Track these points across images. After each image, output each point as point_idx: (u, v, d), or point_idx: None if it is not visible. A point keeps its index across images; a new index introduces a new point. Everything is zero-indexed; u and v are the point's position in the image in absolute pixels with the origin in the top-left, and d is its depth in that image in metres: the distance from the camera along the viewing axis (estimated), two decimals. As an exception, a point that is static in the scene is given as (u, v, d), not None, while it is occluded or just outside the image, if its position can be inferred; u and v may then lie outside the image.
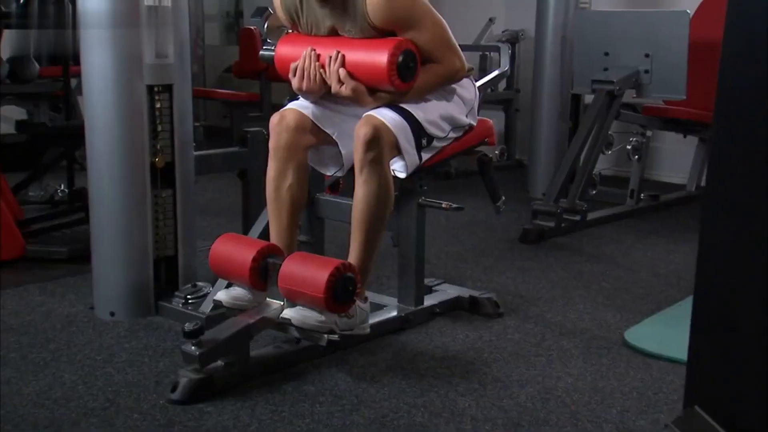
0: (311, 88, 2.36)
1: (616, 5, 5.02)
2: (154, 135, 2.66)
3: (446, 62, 2.39)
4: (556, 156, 4.56)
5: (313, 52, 2.34)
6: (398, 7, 2.27)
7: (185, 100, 2.75)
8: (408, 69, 2.28)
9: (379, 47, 2.27)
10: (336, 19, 2.36)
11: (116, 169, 2.64)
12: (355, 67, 2.30)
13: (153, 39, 2.60)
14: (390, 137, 2.30)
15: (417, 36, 2.30)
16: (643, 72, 3.86)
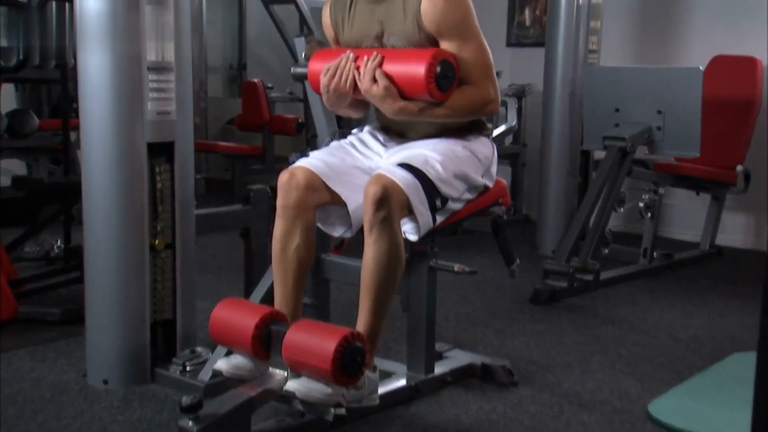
0: (340, 87, 2.29)
1: (623, 61, 4.98)
2: (154, 194, 2.55)
3: (482, 87, 2.31)
4: (566, 212, 4.46)
5: (352, 54, 2.29)
6: (453, 13, 2.24)
7: (187, 157, 2.66)
8: (446, 78, 2.21)
9: (417, 56, 2.22)
10: (387, 18, 2.31)
11: (113, 228, 2.53)
12: (392, 70, 2.23)
13: (155, 95, 2.52)
14: (401, 196, 2.20)
15: (461, 49, 2.26)
16: (656, 128, 3.78)
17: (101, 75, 2.49)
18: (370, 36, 2.36)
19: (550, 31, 4.44)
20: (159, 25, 2.48)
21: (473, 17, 2.30)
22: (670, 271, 4.13)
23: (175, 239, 2.61)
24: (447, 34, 2.25)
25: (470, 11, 2.29)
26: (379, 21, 2.33)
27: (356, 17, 2.38)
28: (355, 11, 2.38)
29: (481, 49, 2.30)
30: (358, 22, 2.37)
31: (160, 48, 2.50)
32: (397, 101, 2.23)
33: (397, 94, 2.23)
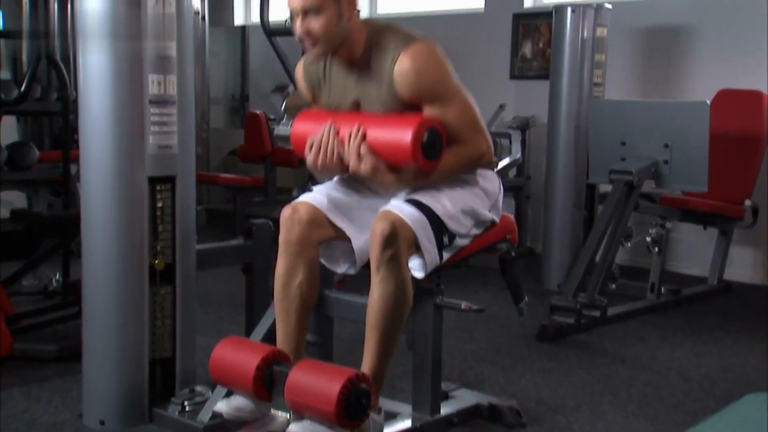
0: (328, 165, 2.23)
1: (627, 94, 4.96)
2: (154, 229, 2.50)
3: (472, 144, 2.27)
4: (571, 246, 4.41)
5: (333, 126, 2.22)
6: (428, 80, 2.17)
7: (188, 191, 2.61)
8: (433, 147, 2.15)
9: (403, 123, 2.15)
10: (361, 89, 2.26)
11: (112, 264, 2.48)
12: (376, 143, 2.17)
13: (156, 128, 2.48)
14: (408, 234, 2.16)
15: (444, 112, 2.19)
16: (663, 162, 3.74)
17: (102, 108, 2.45)
18: (347, 102, 2.30)
19: (554, 63, 4.42)
20: (161, 58, 2.44)
21: (448, 74, 2.22)
22: (678, 307, 4.06)
23: (175, 275, 2.55)
24: (427, 99, 2.18)
25: (444, 71, 2.22)
26: (354, 90, 2.27)
27: (332, 83, 2.32)
28: (330, 76, 2.32)
29: (464, 106, 2.23)
30: (334, 88, 2.31)
31: (162, 81, 2.46)
32: (387, 176, 2.18)
33: (386, 170, 2.17)
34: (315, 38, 2.16)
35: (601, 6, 4.34)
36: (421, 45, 2.18)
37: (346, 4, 2.17)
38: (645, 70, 5.06)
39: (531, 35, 5.44)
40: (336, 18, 2.14)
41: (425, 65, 2.16)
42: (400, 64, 2.14)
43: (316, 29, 2.15)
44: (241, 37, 7.53)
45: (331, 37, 2.16)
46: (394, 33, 2.22)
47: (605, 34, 4.36)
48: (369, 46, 2.21)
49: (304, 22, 2.15)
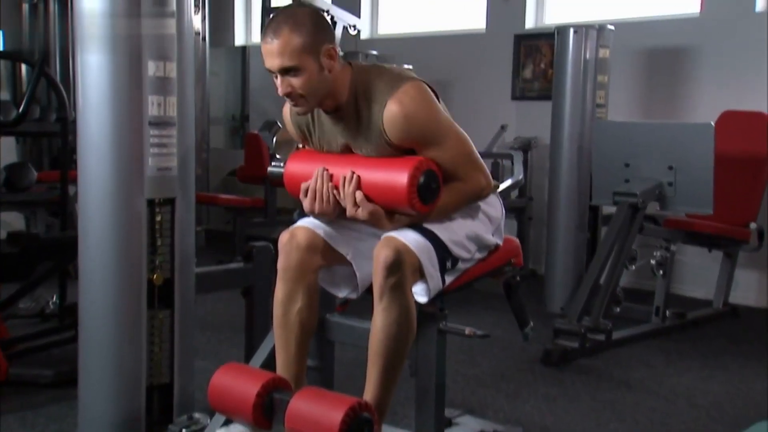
0: (324, 210, 2.18)
1: (630, 116, 4.94)
2: (153, 251, 2.46)
3: (471, 180, 2.21)
4: (574, 268, 4.37)
5: (326, 171, 2.17)
6: (418, 124, 2.09)
7: (188, 214, 2.57)
8: (430, 190, 2.09)
9: (397, 167, 2.09)
10: (350, 136, 2.20)
11: (110, 287, 2.43)
12: (372, 188, 2.12)
13: (156, 150, 2.44)
14: (413, 260, 2.11)
15: (439, 154, 2.13)
16: (667, 184, 3.70)
17: (101, 129, 2.41)
18: (338, 145, 2.25)
19: (557, 84, 4.40)
20: (162, 79, 2.41)
21: (439, 113, 2.15)
22: (683, 330, 4.01)
23: (173, 298, 2.51)
24: (420, 142, 2.12)
25: (434, 111, 2.14)
26: (344, 136, 2.22)
27: (321, 128, 2.26)
28: (318, 122, 2.26)
29: (459, 143, 2.17)
30: (324, 133, 2.26)
31: (162, 102, 2.43)
32: (385, 222, 2.13)
33: (383, 215, 2.12)
34: (299, 95, 2.09)
35: (603, 27, 4.32)
36: (408, 87, 2.10)
37: (326, 56, 2.08)
38: (647, 91, 5.04)
39: (532, 56, 5.42)
40: (317, 73, 2.06)
41: (414, 109, 2.08)
42: (388, 111, 2.07)
43: (297, 87, 2.07)
44: (241, 57, 7.53)
45: (314, 92, 2.09)
46: (379, 76, 2.14)
47: (608, 55, 4.34)
48: (354, 91, 2.14)
49: (283, 81, 2.08)
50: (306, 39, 2.04)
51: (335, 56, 2.11)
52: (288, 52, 2.03)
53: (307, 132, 2.30)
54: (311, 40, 2.05)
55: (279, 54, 2.04)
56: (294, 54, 2.03)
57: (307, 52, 2.04)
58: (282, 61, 2.04)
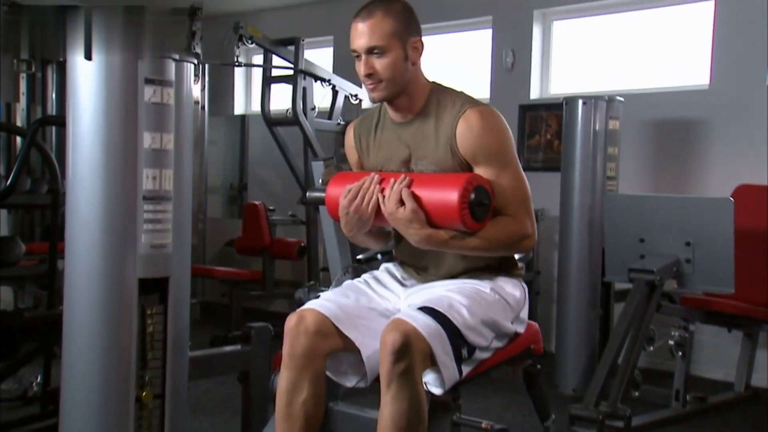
0: (362, 210, 2.09)
1: (639, 189, 4.81)
2: (143, 336, 2.27)
3: (519, 220, 2.11)
4: (587, 347, 4.19)
5: (377, 176, 2.10)
6: (490, 140, 2.07)
7: (182, 294, 2.39)
8: (481, 206, 2.00)
9: (450, 181, 2.02)
10: (415, 143, 2.15)
11: (95, 374, 2.24)
12: (421, 196, 2.03)
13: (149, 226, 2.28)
14: (423, 346, 1.94)
15: (498, 177, 2.07)
16: (685, 261, 3.53)
17: (91, 202, 2.25)
18: (396, 160, 2.18)
19: (566, 156, 4.29)
20: (158, 151, 2.27)
21: (512, 144, 2.13)
22: (705, 416, 3.79)
23: (165, 388, 2.31)
24: (483, 160, 2.07)
25: (509, 137, 2.12)
26: (407, 145, 2.16)
27: (382, 141, 2.21)
28: (382, 134, 2.22)
29: (518, 178, 2.11)
30: (384, 146, 2.21)
31: (157, 176, 2.28)
32: (424, 227, 2.02)
33: (424, 220, 2.02)
34: (378, 79, 2.09)
35: (612, 98, 4.23)
36: (488, 108, 2.12)
37: (412, 48, 2.11)
38: (657, 163, 4.92)
39: (538, 126, 5.33)
40: (401, 60, 2.09)
41: (490, 126, 2.08)
42: (465, 120, 2.07)
43: (380, 69, 2.08)
44: (240, 126, 7.45)
45: (395, 79, 2.09)
46: (460, 93, 2.17)
47: (618, 127, 4.24)
48: (431, 100, 2.15)
49: (368, 61, 2.09)
50: (397, 24, 2.07)
51: (420, 51, 2.14)
52: (378, 31, 2.06)
53: (366, 145, 2.25)
54: (402, 27, 2.08)
55: (369, 32, 2.06)
56: (384, 35, 2.06)
57: (396, 37, 2.07)
58: (370, 39, 2.06)
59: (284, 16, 6.53)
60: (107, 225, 2.25)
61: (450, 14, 5.67)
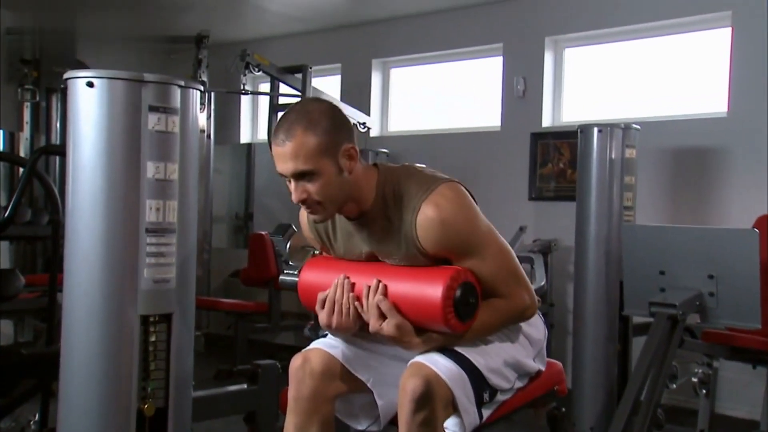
0: (343, 324, 1.92)
1: (655, 219, 4.69)
2: (145, 376, 2.15)
3: (513, 298, 1.95)
4: (604, 382, 4.04)
5: (347, 280, 1.91)
6: (456, 230, 1.86)
7: (186, 331, 2.27)
8: (468, 306, 1.84)
9: (431, 278, 1.84)
10: (376, 244, 1.95)
11: (93, 416, 2.13)
12: (400, 301, 1.86)
13: (152, 260, 2.16)
14: (445, 393, 1.82)
15: (478, 265, 1.88)
16: (708, 295, 3.39)
17: (91, 235, 2.14)
18: (361, 254, 2.00)
19: (581, 185, 4.17)
20: (162, 182, 2.16)
21: (479, 219, 1.91)
22: (731, 457, 3.64)
23: (167, 427, 2.18)
24: (457, 252, 1.88)
25: (474, 217, 1.91)
26: (368, 244, 1.97)
27: (341, 234, 2.02)
28: (339, 228, 2.02)
29: (501, 256, 1.92)
30: (345, 240, 2.02)
31: (161, 207, 2.17)
32: (414, 337, 1.86)
33: (411, 330, 1.86)
34: (316, 201, 1.87)
35: (629, 126, 4.12)
36: (443, 189, 1.87)
37: (345, 157, 1.86)
38: (674, 192, 4.80)
39: (550, 155, 5.22)
40: (335, 176, 1.85)
41: (452, 213, 1.85)
42: (423, 216, 1.85)
43: (313, 193, 1.85)
44: (246, 155, 7.37)
45: (332, 199, 1.87)
46: (409, 177, 1.92)
47: (634, 155, 4.13)
48: (381, 195, 1.91)
49: (298, 187, 1.86)
50: (322, 139, 1.81)
51: (355, 156, 1.87)
52: (302, 155, 1.81)
53: (326, 239, 2.05)
54: (328, 140, 1.82)
55: (292, 157, 1.81)
56: (309, 157, 1.81)
57: (323, 154, 1.82)
58: (296, 165, 1.81)
59: (291, 43, 6.47)
60: (108, 258, 2.14)
61: (460, 41, 5.60)
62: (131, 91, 2.13)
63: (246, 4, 5.79)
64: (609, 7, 5.03)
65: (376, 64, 6.08)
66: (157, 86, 2.15)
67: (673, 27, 4.89)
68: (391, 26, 5.90)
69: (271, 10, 5.86)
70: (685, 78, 4.94)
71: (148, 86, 2.14)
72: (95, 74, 2.12)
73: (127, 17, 6.04)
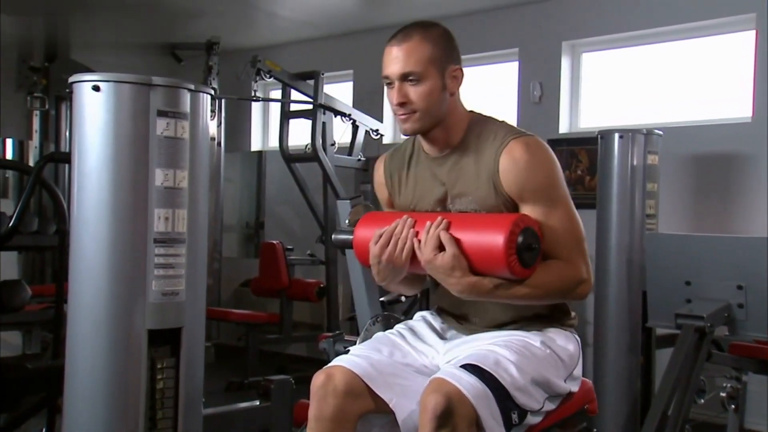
0: (395, 258, 1.86)
1: (679, 226, 4.56)
2: (153, 393, 2.06)
3: (572, 264, 1.87)
4: (628, 396, 3.91)
5: (410, 219, 1.88)
6: (538, 175, 1.85)
7: (196, 346, 2.18)
8: (530, 251, 1.78)
9: (494, 222, 1.80)
10: (454, 179, 1.93)
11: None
12: (462, 241, 1.81)
13: (161, 272, 2.07)
14: (468, 411, 1.72)
15: (547, 217, 1.85)
16: (737, 306, 3.27)
17: (97, 245, 2.06)
18: (431, 200, 1.97)
19: (602, 193, 4.05)
20: (171, 190, 2.06)
21: (561, 178, 1.91)
22: (761, 475, 3.50)
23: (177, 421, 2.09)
24: (531, 198, 1.85)
25: (558, 172, 1.90)
26: (443, 182, 1.95)
27: (416, 177, 2.00)
28: (416, 170, 2.01)
29: (570, 218, 1.88)
30: (418, 183, 2.00)
31: (170, 216, 2.07)
32: (466, 275, 1.80)
33: (466, 267, 1.80)
34: (412, 109, 1.89)
35: (651, 132, 4.00)
36: (535, 139, 1.90)
37: (451, 77, 1.91)
38: (697, 200, 4.67)
39: (567, 162, 5.11)
40: (438, 89, 1.89)
41: (538, 159, 1.86)
42: (509, 153, 1.85)
43: (414, 99, 1.88)
44: (257, 163, 7.29)
45: (430, 109, 1.89)
46: (502, 123, 1.96)
47: (657, 162, 4.01)
48: (470, 132, 1.94)
49: (401, 88, 1.88)
50: (435, 50, 1.88)
51: (460, 80, 1.94)
52: (414, 57, 1.86)
53: (398, 183, 2.04)
54: (441, 54, 1.89)
55: (404, 57, 1.86)
56: (420, 61, 1.86)
57: (433, 64, 1.88)
58: (405, 65, 1.86)
59: (302, 49, 6.38)
60: (114, 270, 2.06)
61: (476, 47, 5.49)
62: (139, 95, 2.04)
63: (257, 10, 5.71)
64: (627, 10, 4.92)
65: (389, 71, 5.98)
66: (165, 90, 2.07)
67: (695, 30, 4.77)
68: (403, 32, 5.80)
69: (282, 16, 5.78)
70: (708, 82, 4.82)
71: (156, 90, 2.05)
72: (101, 78, 2.04)
73: (137, 24, 5.97)
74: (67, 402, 2.12)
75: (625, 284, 3.96)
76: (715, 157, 4.61)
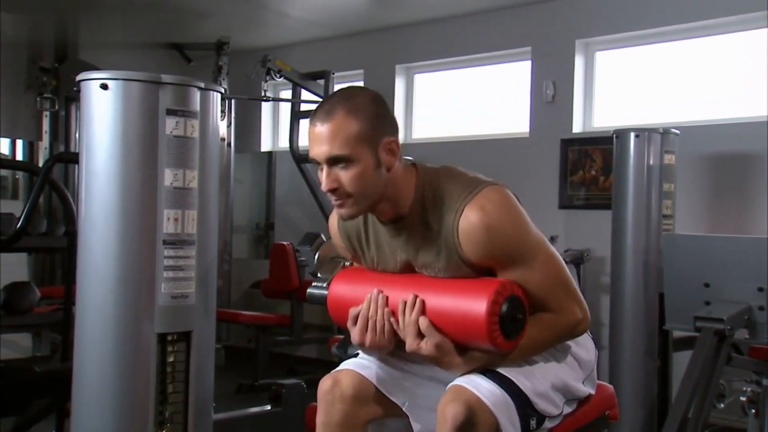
0: (378, 343, 1.76)
1: (695, 227, 4.49)
2: (163, 399, 2.01)
3: (563, 312, 1.78)
4: (644, 400, 3.87)
5: (381, 294, 1.76)
6: (503, 237, 1.69)
7: (207, 350, 2.13)
8: (515, 322, 1.68)
9: (474, 291, 1.68)
10: (413, 252, 1.79)
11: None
12: (439, 317, 1.71)
13: (170, 274, 2.02)
14: (488, 419, 1.67)
15: (526, 276, 1.72)
16: (758, 309, 3.20)
17: (105, 247, 2.02)
18: (396, 264, 1.83)
19: (617, 193, 3.99)
20: (180, 190, 2.02)
21: (527, 225, 1.75)
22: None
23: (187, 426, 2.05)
24: (503, 262, 1.71)
25: (522, 223, 1.74)
26: (406, 254, 1.81)
27: (376, 241, 1.85)
28: (373, 233, 1.85)
29: (550, 265, 1.75)
30: (379, 247, 1.85)
31: (179, 217, 2.03)
32: (455, 357, 1.71)
33: (452, 350, 1.70)
34: (346, 194, 1.70)
35: (667, 131, 3.94)
36: (489, 192, 1.71)
37: (386, 151, 1.71)
38: (714, 200, 4.60)
39: (581, 162, 5.04)
40: (371, 168, 1.69)
41: (499, 218, 1.69)
42: (466, 221, 1.69)
43: (346, 183, 1.69)
44: (267, 163, 7.26)
45: (365, 192, 1.70)
46: (451, 178, 1.76)
47: (674, 161, 3.94)
48: (420, 197, 1.75)
49: (330, 173, 1.69)
50: (364, 125, 1.67)
51: (397, 152, 1.72)
52: (340, 137, 1.66)
53: (359, 246, 1.88)
54: (370, 128, 1.68)
55: (330, 138, 1.66)
56: (347, 141, 1.66)
57: (363, 142, 1.67)
58: (332, 148, 1.66)
59: (313, 49, 6.34)
60: (122, 272, 2.01)
61: (487, 45, 5.44)
62: (148, 93, 2.00)
63: (267, 10, 5.67)
64: (641, 9, 4.85)
65: (400, 70, 5.92)
66: (175, 88, 2.02)
67: (709, 28, 4.70)
68: (414, 31, 5.75)
69: (293, 16, 5.73)
70: (725, 81, 4.74)
71: (165, 88, 2.01)
72: (109, 75, 2.00)
73: (147, 24, 5.95)
74: (75, 406, 2.08)
75: (642, 286, 3.90)
76: (731, 157, 4.53)
